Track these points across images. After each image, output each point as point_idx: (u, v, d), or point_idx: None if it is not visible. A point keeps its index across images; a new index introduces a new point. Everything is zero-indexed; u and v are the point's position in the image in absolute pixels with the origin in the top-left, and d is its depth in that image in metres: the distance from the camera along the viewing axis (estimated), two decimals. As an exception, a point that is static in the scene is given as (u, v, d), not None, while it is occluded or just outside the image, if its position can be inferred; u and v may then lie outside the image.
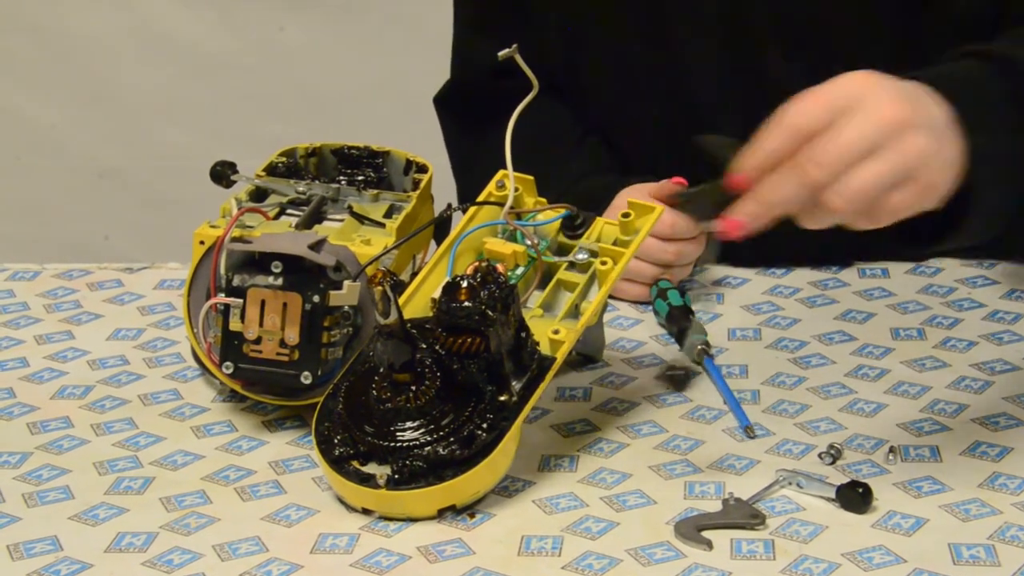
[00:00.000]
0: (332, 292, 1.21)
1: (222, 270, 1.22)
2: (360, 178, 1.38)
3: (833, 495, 1.13)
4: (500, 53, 1.22)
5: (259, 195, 1.35)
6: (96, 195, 3.02)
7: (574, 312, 1.23)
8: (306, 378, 1.21)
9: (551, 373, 1.17)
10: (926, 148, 1.06)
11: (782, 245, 1.31)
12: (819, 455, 1.18)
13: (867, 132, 1.04)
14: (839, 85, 1.07)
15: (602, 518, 1.14)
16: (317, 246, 1.22)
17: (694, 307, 1.38)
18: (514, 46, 1.21)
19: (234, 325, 1.21)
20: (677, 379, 1.30)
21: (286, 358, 1.21)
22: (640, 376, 1.32)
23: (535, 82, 1.23)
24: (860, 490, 1.12)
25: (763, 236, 1.22)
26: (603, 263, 1.23)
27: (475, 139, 1.61)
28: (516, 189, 1.27)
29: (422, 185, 1.36)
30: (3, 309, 1.48)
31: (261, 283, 1.21)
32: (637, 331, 1.39)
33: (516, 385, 1.16)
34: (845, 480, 1.14)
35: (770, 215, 1.07)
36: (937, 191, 1.07)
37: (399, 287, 1.22)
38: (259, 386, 1.25)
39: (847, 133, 1.04)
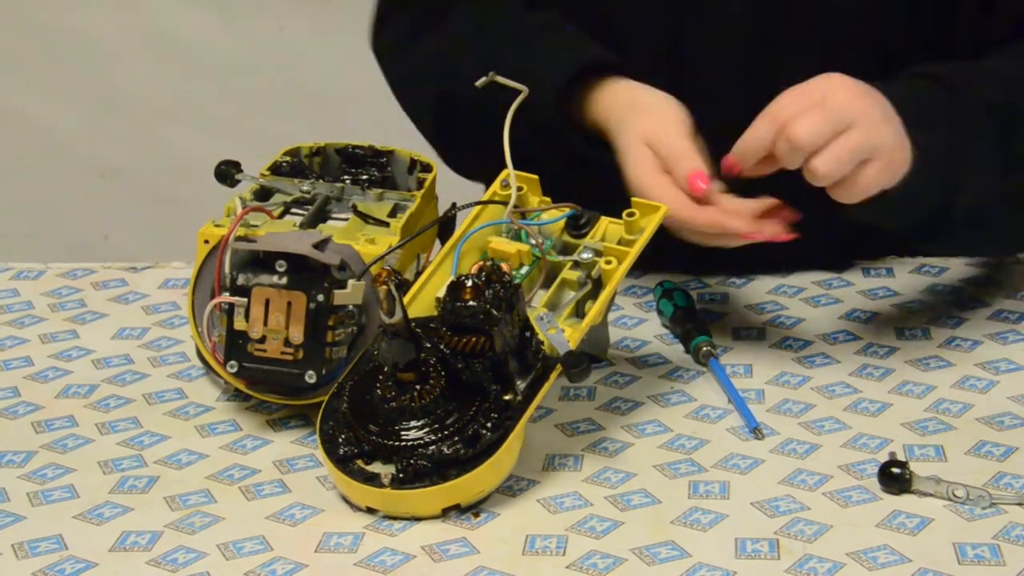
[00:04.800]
0: (336, 291, 1.21)
1: (226, 269, 1.22)
2: (364, 177, 1.38)
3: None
4: (477, 82, 1.25)
5: (263, 194, 1.35)
6: (98, 195, 3.02)
7: (579, 311, 1.23)
8: (310, 377, 1.21)
9: (555, 372, 1.17)
10: (887, 130, 1.22)
11: (788, 249, 1.30)
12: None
13: (839, 114, 1.21)
14: (813, 84, 1.23)
15: (606, 517, 1.14)
16: (321, 245, 1.22)
17: (698, 307, 1.38)
18: (491, 73, 1.26)
19: (238, 324, 1.21)
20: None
21: (290, 357, 1.21)
22: (644, 375, 1.31)
23: (523, 88, 1.25)
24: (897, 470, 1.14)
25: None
26: (608, 262, 1.23)
27: (425, 35, 1.51)
28: (520, 188, 1.27)
29: (426, 184, 1.36)
30: (7, 308, 1.48)
31: (265, 282, 1.21)
32: (641, 330, 1.39)
33: (520, 384, 1.16)
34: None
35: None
36: (901, 167, 1.24)
37: (403, 286, 1.22)
38: (263, 385, 1.25)
39: (822, 112, 1.21)
